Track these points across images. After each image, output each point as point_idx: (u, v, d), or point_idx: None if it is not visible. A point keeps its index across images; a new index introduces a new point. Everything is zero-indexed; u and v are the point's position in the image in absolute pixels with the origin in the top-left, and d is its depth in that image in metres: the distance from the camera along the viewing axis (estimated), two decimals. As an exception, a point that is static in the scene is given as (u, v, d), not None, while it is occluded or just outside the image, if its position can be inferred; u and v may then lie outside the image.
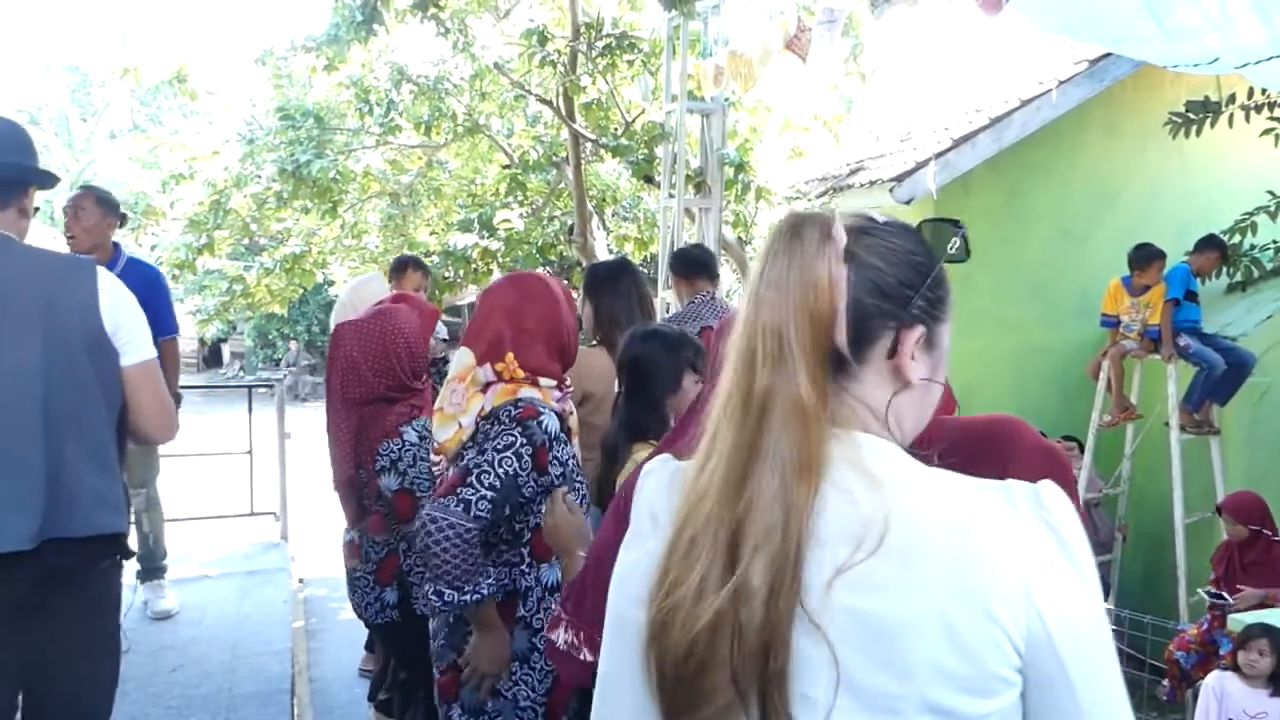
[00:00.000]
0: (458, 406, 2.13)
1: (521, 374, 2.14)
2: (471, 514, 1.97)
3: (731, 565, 0.94)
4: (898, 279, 1.02)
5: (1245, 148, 6.52)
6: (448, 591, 1.97)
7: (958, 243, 1.10)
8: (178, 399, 2.74)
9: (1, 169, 2.12)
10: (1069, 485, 1.55)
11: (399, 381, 2.73)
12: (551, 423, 2.08)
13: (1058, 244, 6.77)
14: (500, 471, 2.00)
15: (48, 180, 2.28)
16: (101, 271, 2.11)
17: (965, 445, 1.28)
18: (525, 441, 2.03)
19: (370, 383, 2.72)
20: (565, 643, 1.70)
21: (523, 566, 2.15)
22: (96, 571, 2.09)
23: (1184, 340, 5.64)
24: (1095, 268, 6.38)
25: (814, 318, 0.97)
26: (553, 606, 1.88)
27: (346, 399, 2.73)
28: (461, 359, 2.18)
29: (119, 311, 2.09)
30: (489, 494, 1.99)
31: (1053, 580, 0.93)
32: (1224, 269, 6.39)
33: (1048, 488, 0.97)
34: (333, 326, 4.22)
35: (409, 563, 2.66)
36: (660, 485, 1.10)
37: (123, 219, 3.89)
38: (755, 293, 1.00)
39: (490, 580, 2.04)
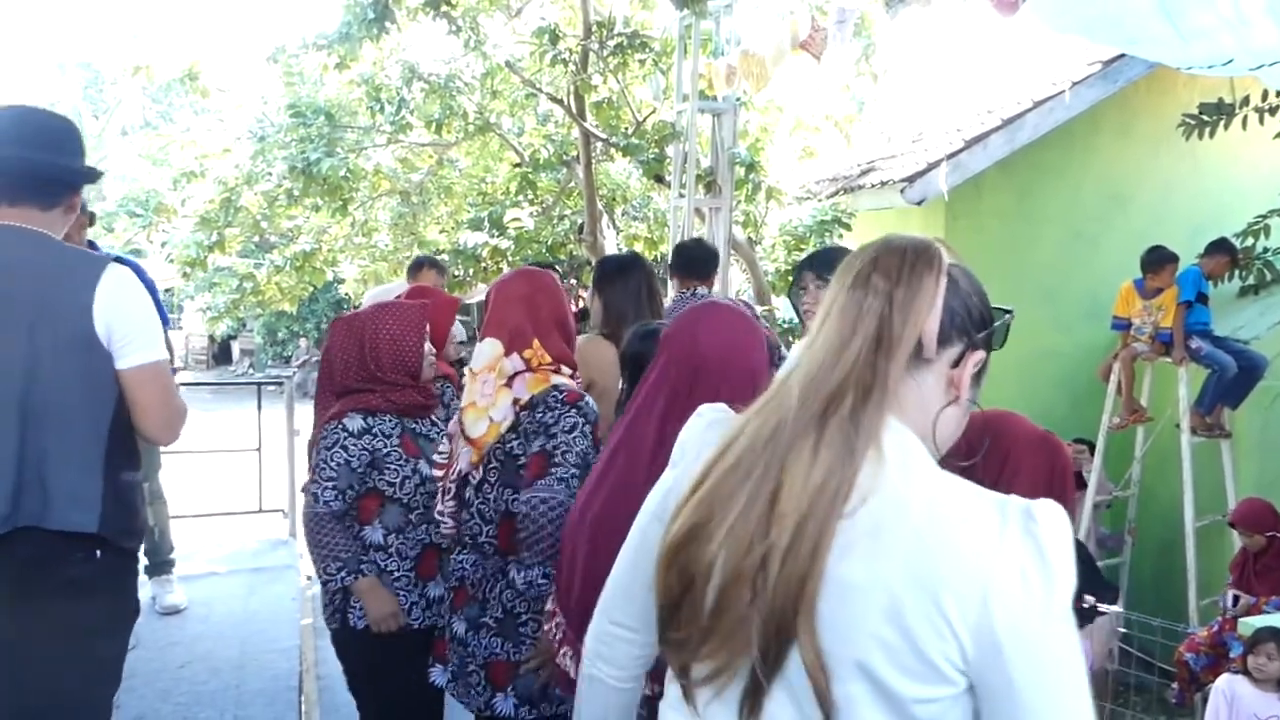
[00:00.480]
0: (489, 399, 2.15)
1: (548, 359, 2.20)
2: (570, 491, 2.02)
3: (766, 531, 1.01)
4: (978, 310, 1.16)
5: (1259, 150, 6.48)
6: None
7: (1004, 324, 1.24)
8: None
9: (46, 167, 2.14)
10: (1065, 469, 1.57)
11: (370, 375, 2.59)
12: (593, 403, 2.18)
13: (1069, 246, 6.74)
14: (577, 450, 2.08)
15: (91, 177, 2.30)
16: (112, 272, 2.10)
17: (964, 440, 1.30)
18: (585, 421, 2.11)
19: (343, 374, 2.64)
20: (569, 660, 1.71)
21: None
22: (71, 567, 2.06)
23: (1195, 343, 5.61)
24: (1106, 270, 6.36)
25: (916, 318, 1.07)
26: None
27: (326, 390, 2.70)
28: (488, 350, 2.20)
29: (115, 314, 2.07)
30: (576, 472, 2.06)
31: (1018, 592, 0.96)
32: (1236, 272, 6.35)
33: (1044, 506, 1.00)
34: None
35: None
36: (700, 426, 1.24)
37: (91, 217, 3.83)
38: (869, 276, 1.10)
39: None
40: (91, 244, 3.83)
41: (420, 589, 2.60)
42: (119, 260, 2.52)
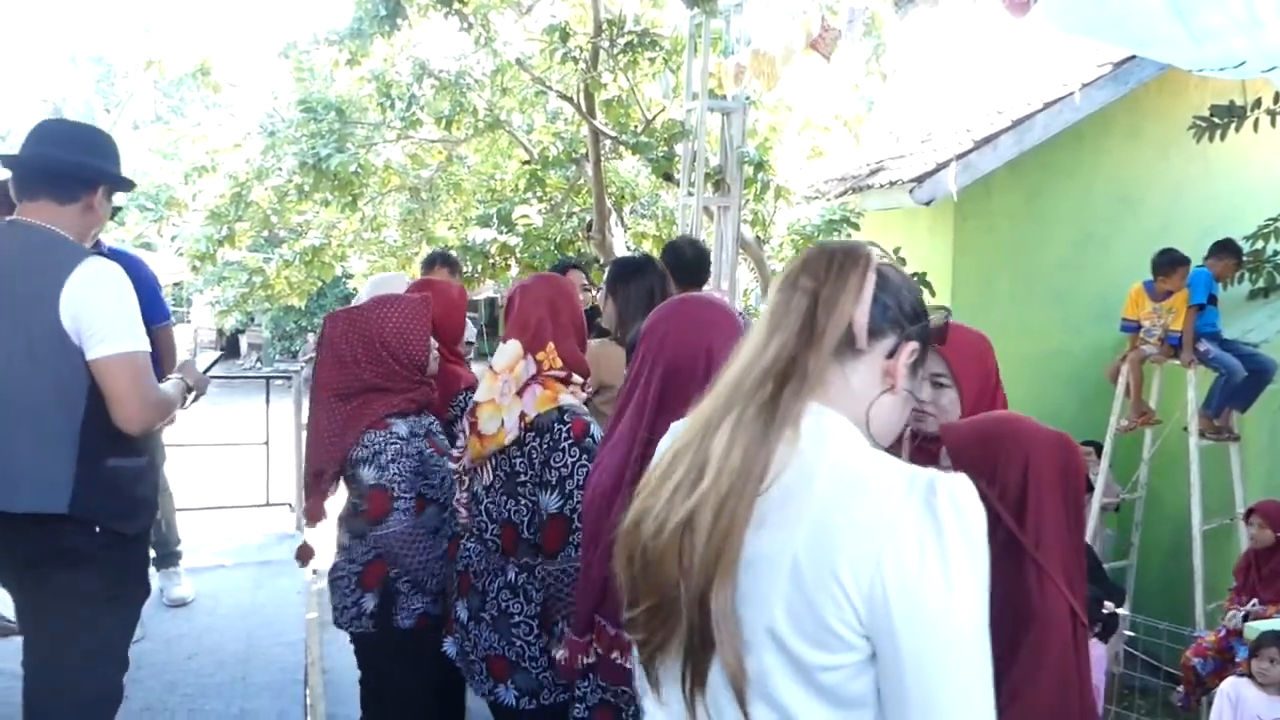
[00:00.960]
0: (507, 399, 2.18)
1: (559, 364, 2.21)
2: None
3: (692, 490, 1.07)
4: (910, 304, 1.19)
5: (1270, 152, 6.46)
6: None
7: (941, 318, 1.28)
8: (197, 387, 2.66)
9: (64, 164, 2.23)
10: (1079, 466, 1.58)
11: (391, 371, 2.54)
12: (598, 432, 2.15)
13: (1079, 247, 6.73)
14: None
15: (117, 182, 2.37)
16: (85, 266, 2.16)
17: (978, 444, 1.30)
18: (590, 456, 2.09)
19: (354, 372, 2.53)
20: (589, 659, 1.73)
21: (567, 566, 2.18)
22: (63, 539, 2.15)
23: (1204, 345, 5.60)
24: (1116, 272, 6.34)
25: (841, 311, 1.13)
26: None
27: (327, 388, 2.55)
28: (509, 350, 2.23)
29: (82, 306, 2.12)
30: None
31: (912, 562, 0.98)
32: (1246, 275, 6.33)
33: (954, 481, 1.02)
34: None
35: (395, 572, 2.51)
36: (669, 434, 1.29)
37: (113, 212, 3.81)
38: (797, 284, 1.16)
39: None
40: (97, 242, 3.78)
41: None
42: (115, 254, 2.53)
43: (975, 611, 0.99)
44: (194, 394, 2.64)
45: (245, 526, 5.75)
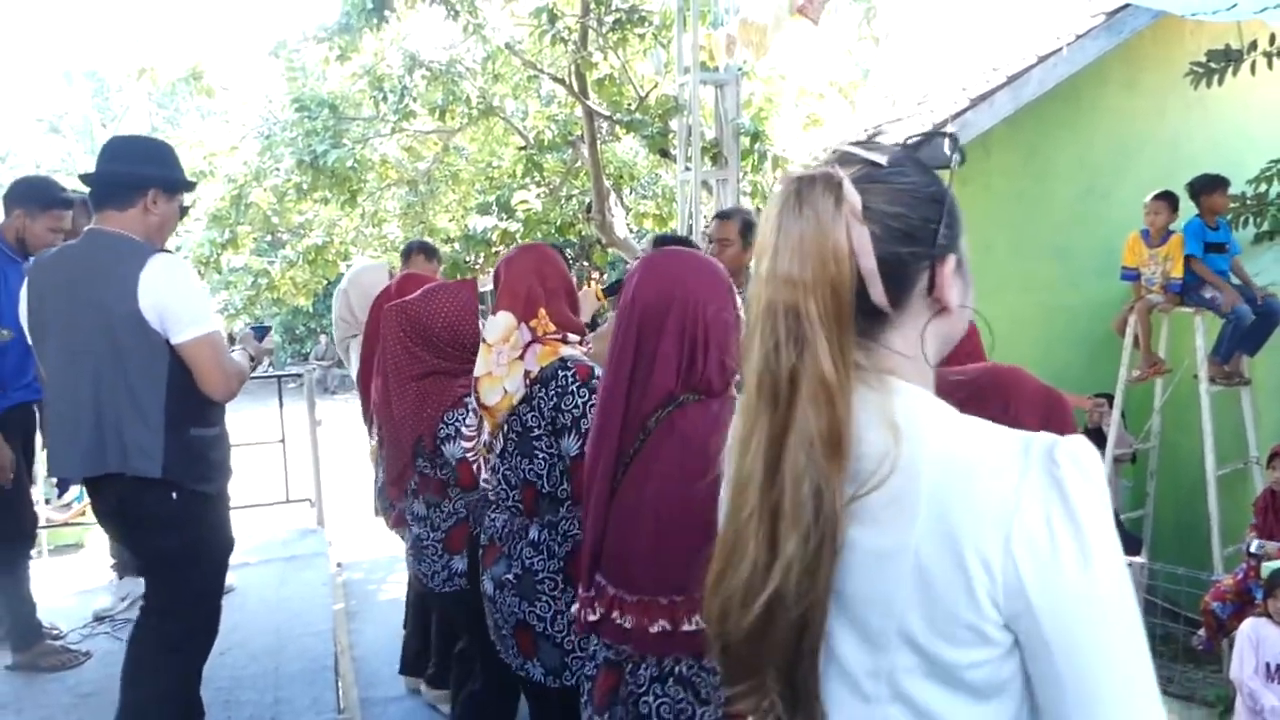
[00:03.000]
0: (504, 369, 2.20)
1: (553, 328, 2.24)
2: None
3: (773, 549, 0.95)
4: (922, 218, 1.00)
5: (1269, 95, 6.42)
6: None
7: (956, 157, 1.05)
8: (258, 356, 3.08)
9: (118, 175, 2.58)
10: (1067, 429, 1.55)
11: (447, 354, 2.73)
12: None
13: (1079, 201, 6.71)
14: None
15: (169, 184, 2.65)
16: (155, 260, 2.48)
17: (964, 392, 1.30)
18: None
19: (423, 357, 2.72)
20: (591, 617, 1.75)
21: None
22: (147, 505, 2.53)
23: (1209, 291, 5.59)
24: (1118, 224, 6.32)
25: (835, 288, 0.94)
26: None
27: (397, 373, 2.74)
28: (502, 322, 2.25)
29: (161, 296, 2.46)
30: None
31: (1044, 543, 0.88)
32: (1251, 219, 6.31)
33: (1070, 443, 0.91)
34: (337, 312, 4.29)
35: (478, 532, 2.63)
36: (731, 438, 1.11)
37: (183, 212, 3.98)
38: (769, 270, 0.96)
39: None
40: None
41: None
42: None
43: (1120, 583, 0.88)
44: (256, 362, 3.00)
45: (268, 524, 5.80)
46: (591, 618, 1.73)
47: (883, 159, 1.00)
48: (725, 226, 3.81)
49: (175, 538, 2.58)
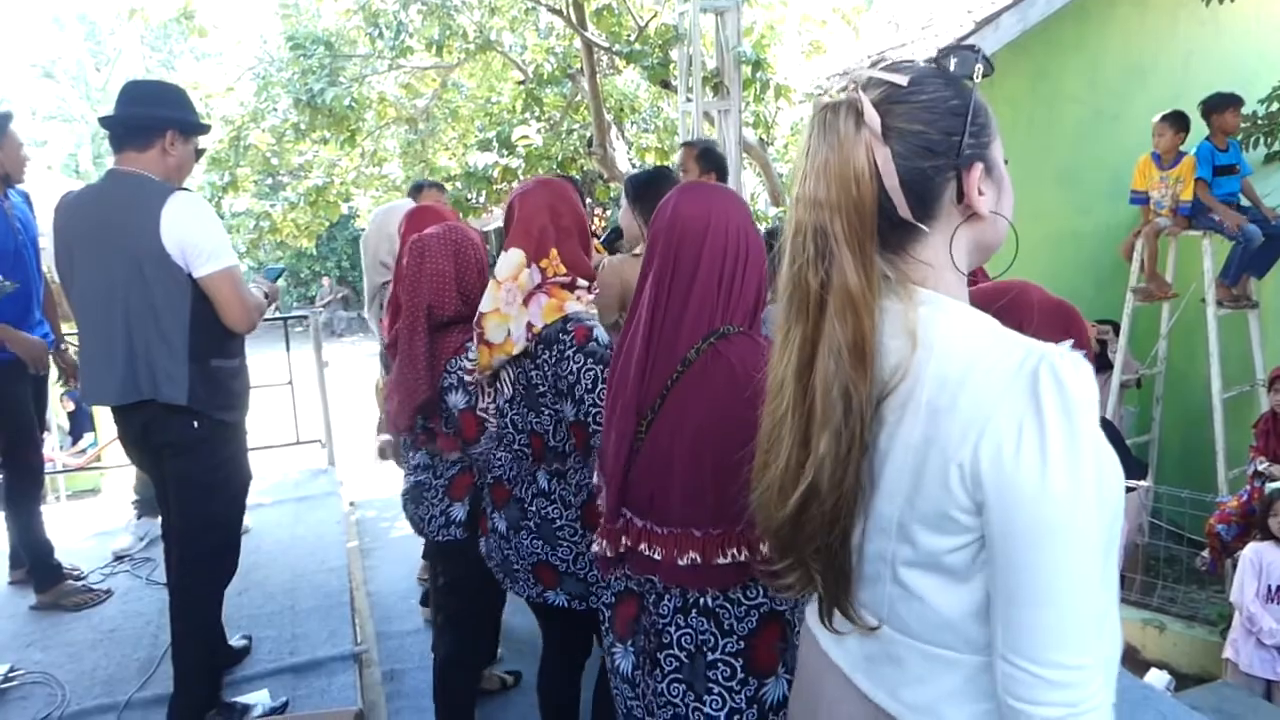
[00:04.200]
0: (513, 308, 2.16)
1: (563, 270, 2.18)
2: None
3: (805, 446, 1.07)
4: (943, 131, 1.04)
5: (1282, 11, 6.28)
6: None
7: (980, 67, 1.09)
8: (271, 295, 3.08)
9: (137, 117, 2.67)
10: (1082, 335, 1.56)
11: (469, 299, 2.56)
12: (602, 335, 2.13)
13: (1088, 125, 6.61)
14: (596, 394, 2.06)
15: (187, 126, 2.74)
16: (175, 198, 2.57)
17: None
18: (594, 360, 2.08)
19: (453, 300, 2.57)
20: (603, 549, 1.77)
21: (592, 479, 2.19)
22: (171, 432, 2.66)
23: (1218, 215, 5.53)
24: (1128, 147, 6.24)
25: (858, 208, 1.02)
26: None
27: (431, 316, 2.58)
28: (512, 259, 2.19)
29: (183, 232, 2.56)
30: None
31: (1009, 443, 0.94)
32: (1261, 139, 6.22)
33: (1059, 361, 0.95)
34: (365, 258, 4.17)
35: (481, 481, 2.61)
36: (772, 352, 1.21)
37: (199, 154, 3.95)
38: (799, 193, 1.05)
39: None
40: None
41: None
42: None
43: (1075, 497, 0.93)
44: (271, 300, 3.04)
45: (279, 465, 5.87)
46: (619, 550, 1.72)
47: (904, 79, 1.05)
48: (686, 154, 3.83)
49: (197, 463, 2.70)
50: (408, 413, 2.67)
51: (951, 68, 1.08)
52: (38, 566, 3.73)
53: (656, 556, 1.64)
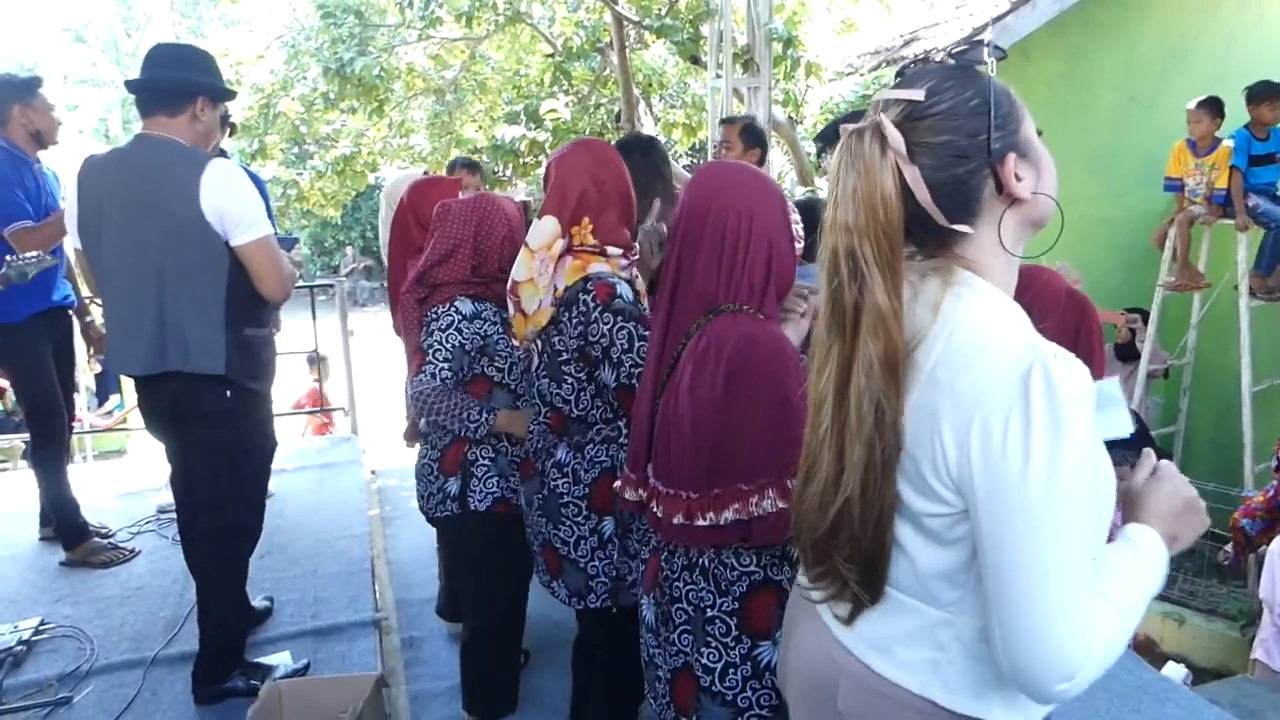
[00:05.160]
0: (545, 278, 2.12)
1: (592, 241, 2.11)
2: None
3: (840, 460, 1.12)
4: (968, 134, 1.09)
5: (1329, -5, 6.13)
6: None
7: (993, 61, 1.14)
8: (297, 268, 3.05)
9: (168, 82, 2.62)
10: (1092, 330, 1.57)
11: (481, 265, 2.59)
12: (626, 290, 2.08)
13: (1123, 109, 6.50)
14: (636, 350, 2.03)
15: (218, 92, 2.74)
16: (214, 166, 2.55)
17: None
18: (621, 316, 2.02)
19: (485, 270, 2.60)
20: (635, 499, 1.81)
21: (621, 440, 2.18)
22: (206, 401, 2.62)
23: (1252, 200, 5.44)
24: (1162, 133, 6.12)
25: (886, 232, 1.07)
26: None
27: (455, 274, 2.60)
28: (547, 227, 2.12)
29: (223, 200, 2.53)
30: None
31: (996, 434, 1.01)
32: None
33: (1058, 363, 1.01)
34: (383, 230, 4.19)
35: (471, 454, 2.60)
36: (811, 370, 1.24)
37: (232, 128, 3.97)
38: (832, 219, 1.10)
39: None
40: (222, 151, 3.93)
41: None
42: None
43: (1054, 491, 0.99)
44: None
45: (304, 431, 5.92)
46: (636, 496, 1.79)
47: (920, 93, 1.09)
48: (728, 130, 3.81)
49: (228, 432, 2.68)
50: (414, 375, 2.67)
51: (966, 59, 1.13)
52: (64, 525, 3.80)
53: (659, 513, 1.71)
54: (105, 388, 8.06)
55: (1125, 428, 1.23)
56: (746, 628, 1.68)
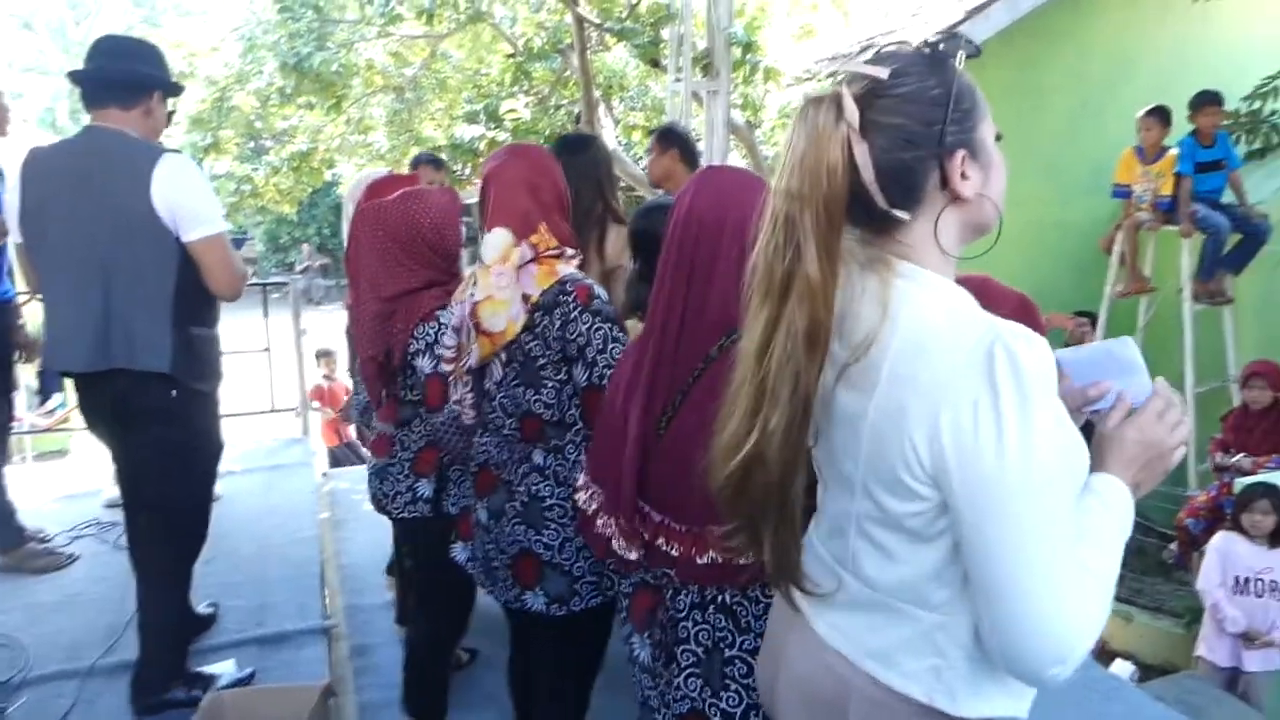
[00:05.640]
0: (507, 291, 2.07)
1: (554, 243, 2.10)
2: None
3: (753, 417, 1.12)
4: (923, 122, 1.08)
5: (1274, 5, 6.28)
6: None
7: (962, 53, 1.12)
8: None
9: (123, 74, 2.59)
10: (1038, 330, 1.57)
11: (429, 261, 2.52)
12: (603, 293, 2.08)
13: (1073, 117, 6.61)
14: (610, 352, 2.00)
15: (170, 87, 2.73)
16: (166, 159, 2.50)
17: None
18: (602, 318, 2.01)
19: (395, 262, 2.51)
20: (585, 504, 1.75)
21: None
22: (151, 399, 2.56)
23: (1195, 207, 5.57)
24: (1111, 141, 6.25)
25: (827, 203, 1.05)
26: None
27: (370, 281, 2.54)
28: (499, 240, 2.09)
29: (175, 194, 2.49)
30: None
31: (967, 422, 1.00)
32: (1243, 136, 6.24)
33: (1017, 341, 1.00)
34: (345, 228, 4.13)
35: (447, 459, 2.55)
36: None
37: (169, 117, 3.90)
38: (777, 183, 1.09)
39: None
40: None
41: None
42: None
43: (1031, 471, 0.98)
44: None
45: (253, 432, 5.83)
46: (636, 554, 1.69)
47: (885, 72, 1.08)
48: (652, 141, 3.83)
49: (173, 433, 2.63)
50: (372, 379, 2.63)
51: (939, 50, 1.11)
52: (0, 527, 3.69)
53: (674, 553, 1.62)
54: (47, 386, 7.85)
55: (1147, 389, 1.21)
56: None
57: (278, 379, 5.94)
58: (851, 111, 1.06)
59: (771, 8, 7.74)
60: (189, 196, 2.52)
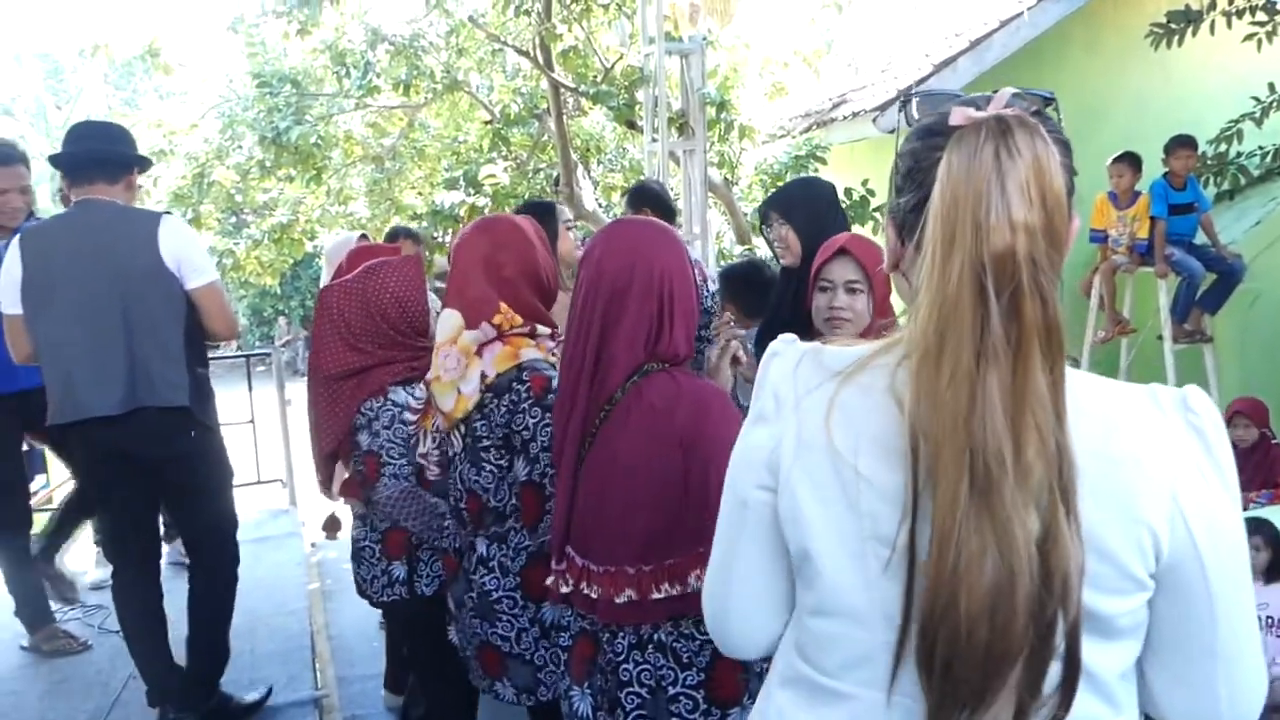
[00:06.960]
0: (455, 373, 2.03)
1: (520, 321, 2.06)
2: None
3: (1006, 539, 0.84)
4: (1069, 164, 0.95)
5: (1229, 55, 6.45)
6: None
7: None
8: None
9: (114, 155, 2.93)
10: None
11: (392, 340, 2.51)
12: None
13: (1044, 165, 6.74)
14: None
15: (144, 163, 3.11)
16: (167, 220, 2.87)
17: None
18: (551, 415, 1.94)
19: (355, 346, 2.51)
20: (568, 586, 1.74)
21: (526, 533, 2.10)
22: (174, 442, 2.87)
23: (1168, 249, 5.67)
24: (1082, 187, 6.19)
25: (1064, 234, 0.89)
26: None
27: (326, 367, 2.53)
28: (448, 321, 2.07)
29: (179, 248, 2.84)
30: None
31: (1199, 487, 0.91)
32: (1211, 179, 6.38)
33: (1194, 392, 0.95)
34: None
35: (412, 537, 2.52)
36: (787, 367, 1.05)
37: None
38: (995, 219, 0.86)
39: None
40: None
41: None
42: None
43: (1241, 517, 0.94)
44: None
45: (239, 504, 5.75)
46: (564, 589, 1.71)
47: (1049, 94, 1.04)
48: (627, 203, 3.97)
49: (198, 470, 2.97)
50: (319, 465, 2.67)
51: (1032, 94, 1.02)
52: (27, 607, 3.69)
53: (594, 595, 1.63)
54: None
55: None
56: (715, 697, 1.61)
57: (263, 450, 5.90)
58: (1056, 133, 0.93)
59: (743, 67, 7.90)
60: (191, 249, 2.90)
